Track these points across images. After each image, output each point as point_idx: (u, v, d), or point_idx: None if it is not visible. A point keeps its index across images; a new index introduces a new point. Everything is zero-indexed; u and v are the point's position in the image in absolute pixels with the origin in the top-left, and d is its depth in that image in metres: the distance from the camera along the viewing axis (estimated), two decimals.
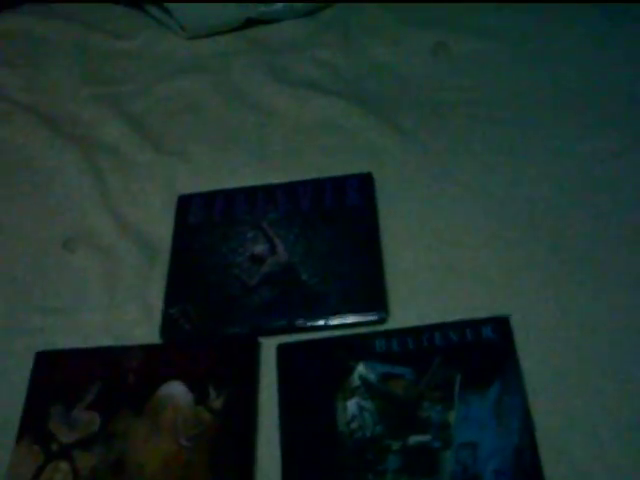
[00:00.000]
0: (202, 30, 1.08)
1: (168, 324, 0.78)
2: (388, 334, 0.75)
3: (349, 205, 0.85)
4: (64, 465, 0.70)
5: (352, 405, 0.71)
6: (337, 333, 0.77)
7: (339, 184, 0.87)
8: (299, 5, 1.09)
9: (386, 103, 0.97)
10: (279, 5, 1.07)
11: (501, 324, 0.74)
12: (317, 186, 0.87)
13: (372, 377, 0.72)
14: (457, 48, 1.03)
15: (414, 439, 0.69)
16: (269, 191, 0.88)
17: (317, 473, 0.68)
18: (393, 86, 1.00)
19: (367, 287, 0.78)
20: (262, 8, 1.08)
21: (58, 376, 0.76)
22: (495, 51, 1.02)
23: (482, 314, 0.75)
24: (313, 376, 0.74)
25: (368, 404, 0.71)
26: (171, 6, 1.07)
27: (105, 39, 1.13)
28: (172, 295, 0.80)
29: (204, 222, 0.86)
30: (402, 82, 1.00)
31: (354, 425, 0.70)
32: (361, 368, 0.73)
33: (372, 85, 1.01)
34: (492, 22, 1.05)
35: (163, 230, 0.87)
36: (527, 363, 0.72)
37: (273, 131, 0.96)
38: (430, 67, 1.01)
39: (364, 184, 0.87)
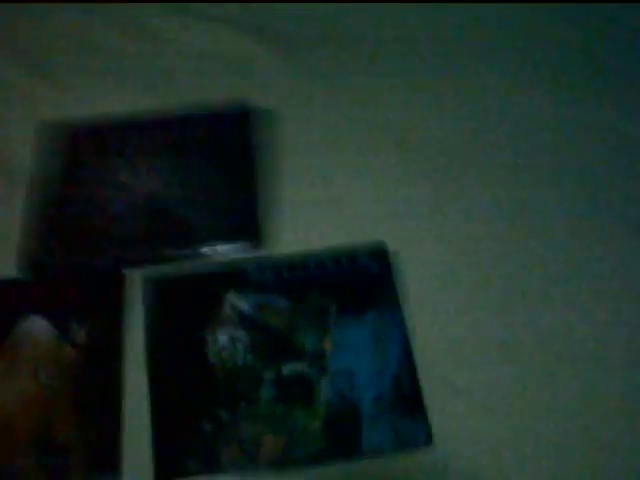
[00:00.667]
0: None
1: (27, 258, 0.73)
2: (261, 262, 0.72)
3: (223, 137, 0.81)
4: None
5: (223, 336, 0.68)
6: (208, 265, 0.72)
7: (213, 116, 0.83)
8: None
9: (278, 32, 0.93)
10: None
11: (378, 250, 0.72)
12: (192, 118, 0.83)
13: (245, 307, 0.69)
14: None
15: (288, 368, 0.66)
16: (139, 120, 0.82)
17: (187, 404, 0.65)
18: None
19: (239, 216, 0.75)
20: None
21: None
22: None
23: (361, 239, 0.73)
24: (182, 308, 0.70)
25: (240, 334, 0.68)
26: None
27: None
28: (31, 227, 0.74)
29: (67, 150, 0.80)
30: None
31: (225, 355, 0.67)
32: (232, 298, 0.70)
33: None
34: None
35: (22, 158, 0.81)
36: (406, 291, 0.71)
37: (157, 59, 0.90)
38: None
39: (239, 118, 0.83)
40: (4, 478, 0.62)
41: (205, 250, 0.73)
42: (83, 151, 0.80)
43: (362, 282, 0.70)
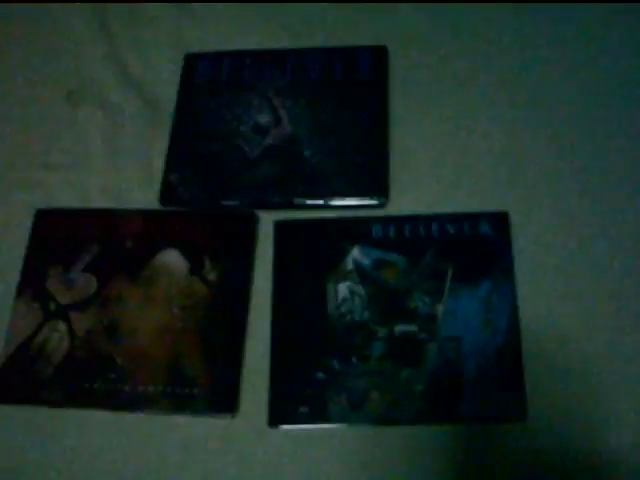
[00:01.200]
0: None
1: (168, 190, 0.78)
2: (386, 220, 0.75)
3: (360, 79, 0.83)
4: (61, 325, 0.72)
5: (343, 288, 0.72)
6: (335, 214, 0.76)
7: (351, 55, 0.84)
8: None
9: None
10: None
11: (499, 220, 0.74)
12: (328, 55, 0.85)
13: (366, 262, 0.73)
14: None
15: (400, 328, 0.70)
16: (278, 56, 0.85)
17: (304, 351, 0.70)
18: None
19: (370, 170, 0.77)
20: None
21: (57, 236, 0.77)
22: None
23: (483, 208, 0.75)
24: (308, 256, 0.74)
25: (359, 289, 0.72)
26: None
27: None
28: (173, 160, 0.80)
29: (210, 84, 0.84)
30: None
31: (344, 308, 0.71)
32: (356, 252, 0.74)
33: None
34: None
35: (168, 88, 0.85)
36: (521, 264, 0.72)
37: None
38: None
39: (378, 58, 0.84)
40: (135, 400, 0.69)
41: (334, 202, 0.76)
42: (225, 86, 0.84)
43: (481, 250, 0.73)
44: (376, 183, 0.77)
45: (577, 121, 0.79)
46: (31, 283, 0.75)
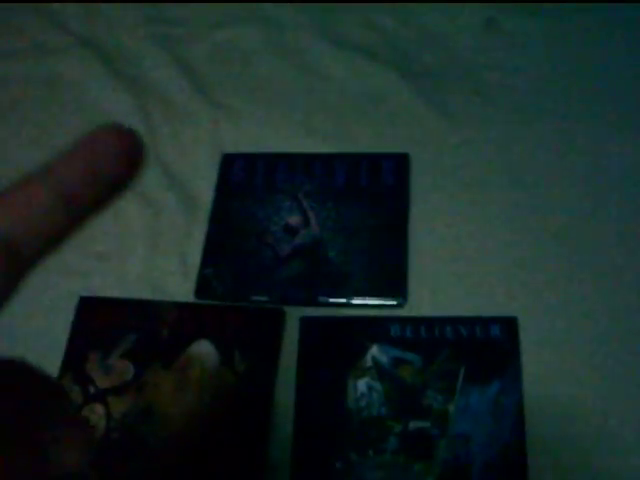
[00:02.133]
0: None
1: (203, 284, 0.84)
2: (404, 320, 0.81)
3: (383, 185, 0.89)
4: (100, 408, 0.78)
5: (362, 384, 0.78)
6: (356, 312, 0.82)
7: (375, 162, 0.91)
8: None
9: (433, 78, 0.99)
10: None
11: (509, 324, 0.80)
12: (354, 161, 0.91)
13: (384, 360, 0.79)
14: (509, 25, 1.04)
15: (414, 424, 0.76)
16: (308, 161, 0.92)
17: (324, 442, 0.76)
18: (442, 59, 1.02)
19: (390, 272, 0.83)
20: None
21: (98, 323, 0.83)
22: (545, 31, 1.03)
23: (494, 312, 0.80)
24: (330, 351, 0.80)
25: (377, 385, 0.78)
26: None
27: None
28: (209, 256, 0.86)
29: (245, 184, 0.91)
30: (451, 56, 1.02)
31: (362, 403, 0.77)
32: (375, 350, 0.79)
33: (422, 56, 1.02)
34: (547, 4, 1.05)
35: (206, 186, 0.92)
36: (529, 365, 0.77)
37: (319, 96, 0.99)
38: (481, 42, 1.03)
39: (400, 165, 0.91)
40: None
41: (356, 301, 0.82)
42: (259, 186, 0.91)
43: (491, 352, 0.78)
44: (395, 285, 0.83)
45: (588, 232, 0.85)
46: (72, 367, 0.81)
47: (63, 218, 0.26)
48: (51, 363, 0.81)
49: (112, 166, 0.27)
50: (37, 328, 0.82)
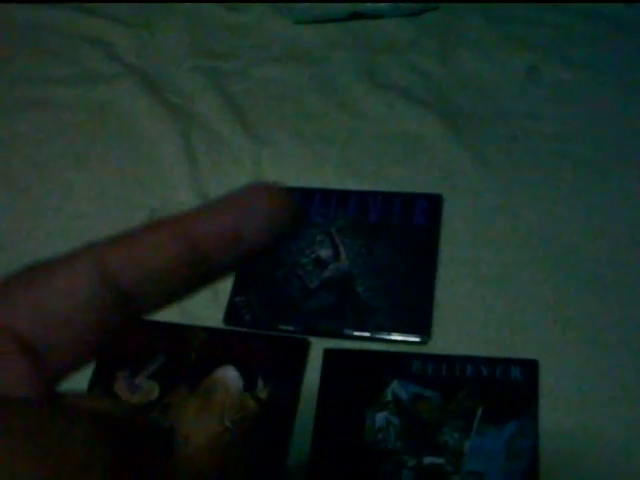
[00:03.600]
0: (309, 17, 1.14)
1: (232, 311, 0.87)
2: (425, 357, 0.83)
3: (414, 224, 0.91)
4: None
5: (381, 418, 0.79)
6: (379, 347, 0.84)
7: (409, 201, 0.93)
8: (404, 5, 1.13)
9: (472, 123, 1.01)
10: (385, 4, 1.12)
11: (529, 367, 0.81)
12: (388, 199, 0.93)
13: (403, 395, 0.80)
14: (550, 75, 1.06)
15: (429, 459, 0.77)
16: (343, 196, 0.94)
17: (340, 475, 0.77)
18: (482, 105, 1.04)
19: (415, 310, 0.85)
20: (369, 4, 1.12)
21: (128, 343, 0.86)
22: (586, 82, 1.04)
23: (515, 354, 0.81)
24: (351, 384, 0.82)
25: (395, 420, 0.79)
26: None
27: (218, 9, 1.19)
28: (240, 284, 0.89)
29: None
30: (491, 102, 1.04)
31: (379, 437, 0.78)
32: (395, 385, 0.81)
33: (462, 100, 1.05)
34: (588, 53, 1.07)
35: None
36: (547, 409, 0.78)
37: (358, 135, 1.02)
38: (520, 91, 1.05)
39: (433, 205, 0.93)
40: None
41: (380, 335, 0.84)
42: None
43: (510, 394, 0.79)
44: (420, 322, 0.84)
45: (615, 280, 0.86)
46: (100, 383, 0.83)
47: (188, 273, 0.25)
48: (80, 379, 0.83)
49: (257, 227, 0.25)
50: None
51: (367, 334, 0.84)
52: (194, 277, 0.25)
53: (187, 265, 0.24)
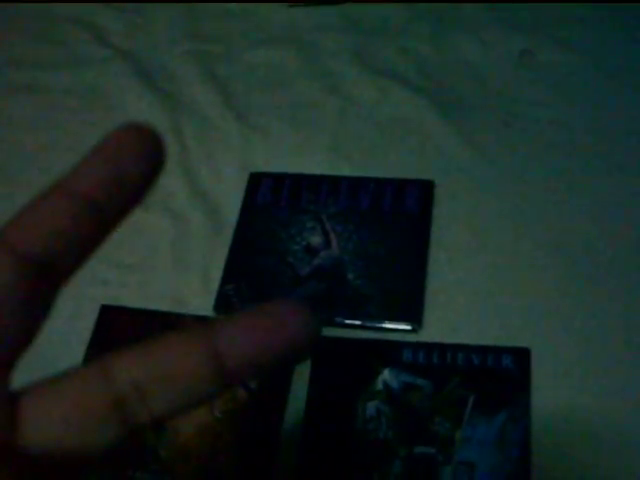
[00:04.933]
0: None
1: (222, 300, 0.86)
2: (417, 346, 0.82)
3: (406, 211, 0.90)
4: None
5: (372, 407, 0.79)
6: (370, 335, 0.83)
7: (400, 187, 0.92)
8: None
9: (464, 107, 1.00)
10: None
11: (521, 355, 0.80)
12: (379, 186, 0.92)
13: (394, 384, 0.80)
14: (543, 57, 1.05)
15: (420, 449, 0.76)
16: (334, 183, 0.93)
17: (330, 464, 0.77)
18: (474, 89, 1.03)
19: (407, 297, 0.84)
20: None
21: (118, 331, 0.85)
22: (580, 66, 1.03)
23: (507, 342, 0.81)
24: (342, 373, 0.81)
25: (386, 409, 0.78)
26: None
27: None
28: (230, 272, 0.88)
29: (270, 204, 0.93)
30: (484, 86, 1.03)
31: (370, 426, 0.78)
32: (386, 374, 0.80)
33: (455, 85, 1.03)
34: (582, 36, 1.06)
35: (232, 203, 0.94)
36: (539, 397, 0.78)
37: (349, 120, 1.01)
38: (514, 74, 1.04)
39: (424, 191, 0.92)
40: None
41: (371, 324, 0.83)
42: (284, 206, 0.92)
43: (501, 382, 0.79)
44: (411, 310, 0.83)
45: (606, 267, 0.85)
46: None
47: (92, 226, 0.26)
48: (71, 365, 0.82)
49: (136, 167, 0.26)
50: (58, 333, 0.84)
51: (358, 322, 0.83)
52: (96, 229, 0.26)
53: (88, 220, 0.25)
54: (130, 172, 0.26)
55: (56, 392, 0.24)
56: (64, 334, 0.85)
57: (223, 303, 0.86)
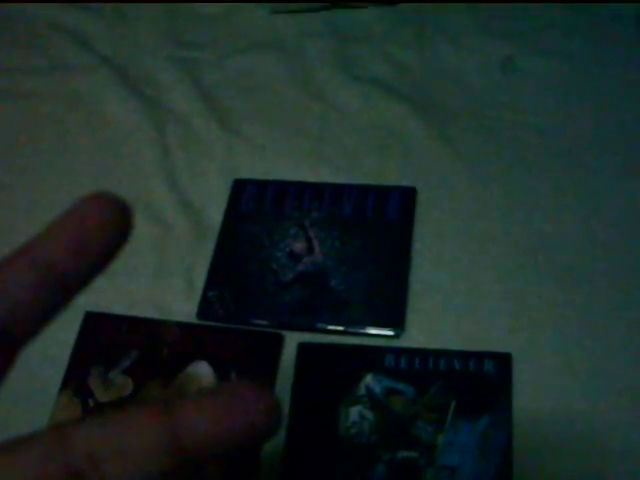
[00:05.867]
0: (284, 7, 1.13)
1: (205, 306, 0.86)
2: (399, 351, 0.82)
3: (388, 217, 0.91)
4: None
5: (354, 412, 0.79)
6: (353, 341, 0.84)
7: (383, 194, 0.93)
8: None
9: (447, 114, 1.01)
10: None
11: (503, 360, 0.81)
12: (362, 192, 0.93)
13: (377, 389, 0.80)
14: (524, 64, 1.06)
15: (402, 454, 0.77)
16: (317, 189, 0.94)
17: (313, 469, 0.77)
18: (457, 96, 1.03)
19: (389, 303, 0.85)
20: None
21: (102, 338, 0.85)
22: (562, 72, 1.04)
23: (489, 348, 0.81)
24: (325, 378, 0.82)
25: (369, 414, 0.79)
26: None
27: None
28: (213, 278, 0.88)
29: (254, 211, 0.93)
30: (466, 93, 1.03)
31: (353, 431, 0.78)
32: (369, 379, 0.81)
33: (438, 92, 1.04)
34: (563, 43, 1.07)
35: (215, 210, 0.94)
36: (520, 402, 0.78)
37: (332, 126, 1.01)
38: (496, 81, 1.04)
39: (407, 198, 0.92)
40: None
41: (353, 329, 0.84)
42: (267, 213, 0.93)
43: (483, 387, 0.80)
44: (393, 316, 0.84)
45: (587, 272, 0.86)
46: (74, 379, 0.83)
47: (53, 295, 0.26)
48: (54, 374, 0.83)
49: (100, 237, 0.26)
50: (42, 339, 0.84)
51: (341, 328, 0.84)
52: (55, 297, 0.26)
53: (47, 289, 0.26)
54: (94, 242, 0.26)
55: (12, 459, 0.23)
56: (48, 340, 0.84)
57: (206, 309, 0.86)
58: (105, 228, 0.26)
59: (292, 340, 0.84)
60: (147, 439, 0.24)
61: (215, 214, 0.93)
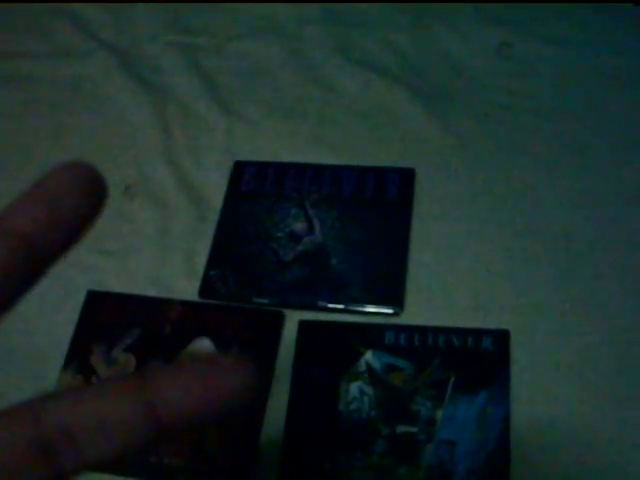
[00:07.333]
0: None
1: (207, 285, 0.87)
2: (398, 328, 0.83)
3: (387, 198, 0.92)
4: None
5: (355, 388, 0.80)
6: (353, 319, 0.85)
7: (382, 175, 0.94)
8: None
9: (444, 98, 1.02)
10: None
11: (501, 337, 0.82)
12: (361, 173, 0.94)
13: (377, 365, 0.81)
14: (521, 49, 1.07)
15: (402, 428, 0.78)
16: (317, 170, 0.95)
17: (314, 444, 0.78)
18: (454, 80, 1.04)
19: (388, 282, 0.86)
20: None
21: (104, 316, 0.86)
22: (557, 57, 1.05)
23: (487, 324, 0.83)
24: (325, 355, 0.83)
25: (368, 389, 0.80)
26: None
27: None
28: (215, 258, 0.89)
29: (254, 191, 0.94)
30: (463, 77, 1.04)
31: (353, 406, 0.79)
32: (369, 355, 0.82)
33: (435, 76, 1.05)
34: (560, 29, 1.08)
35: (216, 192, 0.95)
36: (518, 378, 0.79)
37: (331, 110, 1.02)
38: (493, 66, 1.05)
39: (405, 179, 0.93)
40: (160, 471, 0.77)
41: (353, 307, 0.85)
42: (268, 194, 0.94)
43: (481, 363, 0.81)
44: (393, 294, 0.85)
45: (584, 253, 0.87)
46: (77, 357, 0.84)
47: (26, 265, 0.25)
48: (57, 353, 0.84)
49: (72, 207, 0.26)
50: (46, 318, 0.86)
51: (341, 306, 0.85)
52: (30, 269, 0.25)
53: (22, 261, 0.25)
54: (65, 211, 0.25)
55: None
56: (51, 319, 0.86)
57: (208, 288, 0.87)
58: (76, 197, 0.25)
59: (293, 318, 0.85)
60: (123, 411, 0.24)
61: (216, 195, 0.94)
